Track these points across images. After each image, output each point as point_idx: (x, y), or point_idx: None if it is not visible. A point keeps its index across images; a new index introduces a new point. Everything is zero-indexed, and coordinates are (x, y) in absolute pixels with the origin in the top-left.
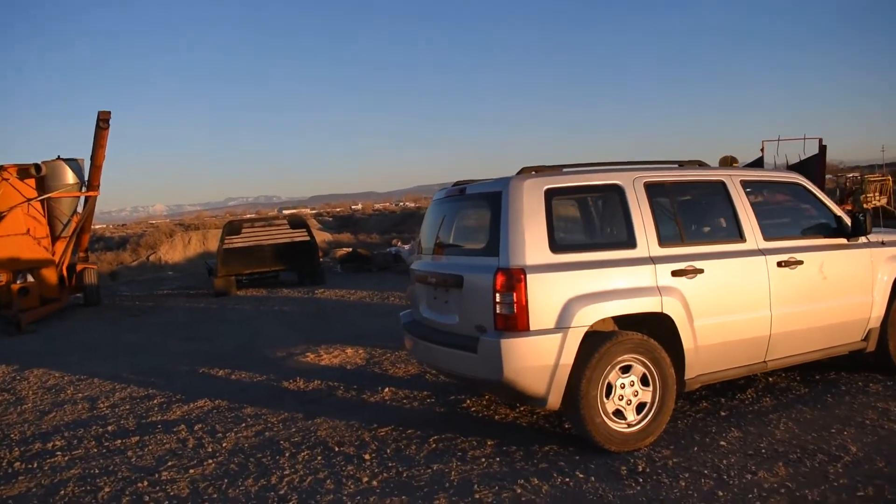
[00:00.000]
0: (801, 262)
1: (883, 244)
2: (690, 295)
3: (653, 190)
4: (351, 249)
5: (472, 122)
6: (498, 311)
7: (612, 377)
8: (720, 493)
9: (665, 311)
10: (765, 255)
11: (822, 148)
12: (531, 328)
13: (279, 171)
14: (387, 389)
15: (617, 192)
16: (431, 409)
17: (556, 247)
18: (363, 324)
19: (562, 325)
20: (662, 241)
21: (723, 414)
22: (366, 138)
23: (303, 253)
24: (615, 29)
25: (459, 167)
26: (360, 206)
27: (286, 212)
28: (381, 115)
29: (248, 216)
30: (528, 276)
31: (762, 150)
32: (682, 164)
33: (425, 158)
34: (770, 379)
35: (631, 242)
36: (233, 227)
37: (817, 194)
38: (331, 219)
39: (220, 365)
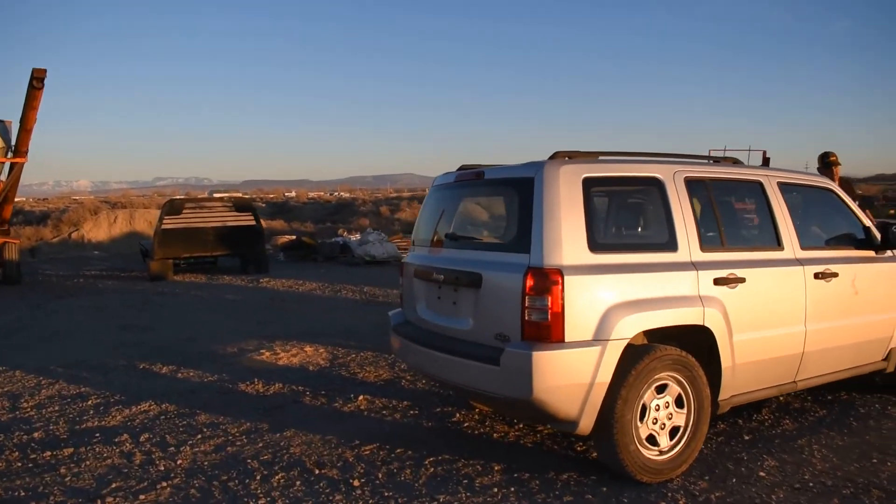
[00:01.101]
0: (835, 275)
1: None
2: (731, 306)
3: (693, 187)
4: (295, 237)
5: (414, 114)
6: (527, 318)
7: (647, 398)
8: None
9: (706, 324)
10: (803, 265)
11: (766, 161)
12: (566, 340)
13: (211, 153)
14: (361, 397)
15: (657, 186)
16: (418, 424)
17: (594, 245)
18: (318, 319)
19: (600, 338)
20: (704, 245)
21: (746, 438)
22: (302, 125)
23: (248, 238)
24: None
25: (397, 160)
26: (294, 194)
27: (217, 195)
28: (318, 102)
29: (178, 197)
30: (566, 279)
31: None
32: (716, 161)
33: (360, 149)
34: (781, 399)
35: (672, 245)
36: (173, 207)
37: (847, 202)
38: (264, 205)
39: (163, 360)
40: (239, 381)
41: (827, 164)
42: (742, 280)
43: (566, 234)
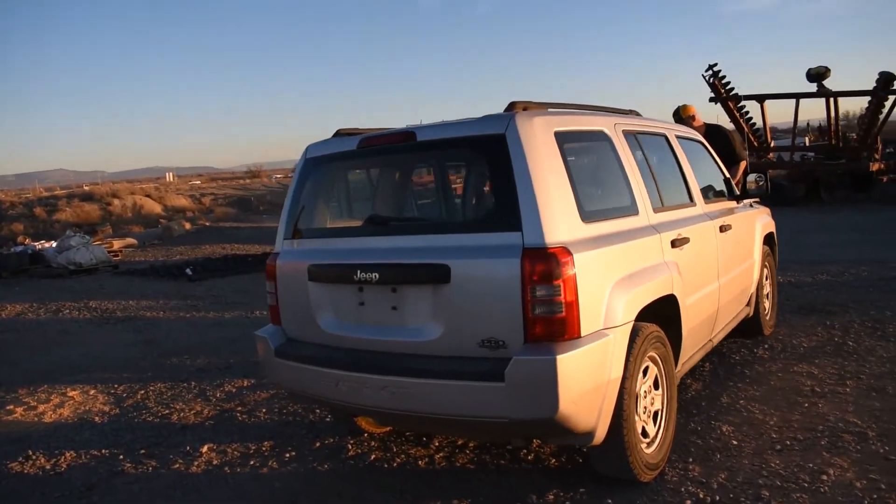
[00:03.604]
0: (730, 227)
1: (752, 206)
2: (683, 269)
3: (631, 141)
4: None
5: (67, 101)
6: (534, 314)
7: (638, 386)
8: None
9: (674, 292)
10: (712, 219)
11: None
12: (582, 334)
13: None
14: (205, 448)
15: (608, 142)
16: (311, 469)
17: (584, 215)
18: (57, 350)
19: (610, 325)
20: (654, 206)
21: None
22: None
23: None
24: None
25: (44, 155)
26: None
27: None
28: None
29: None
30: (575, 257)
31: None
32: (624, 113)
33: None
34: None
35: (633, 208)
36: None
37: (713, 154)
38: None
39: None
40: (6, 460)
41: (682, 119)
42: (687, 240)
43: (558, 203)
